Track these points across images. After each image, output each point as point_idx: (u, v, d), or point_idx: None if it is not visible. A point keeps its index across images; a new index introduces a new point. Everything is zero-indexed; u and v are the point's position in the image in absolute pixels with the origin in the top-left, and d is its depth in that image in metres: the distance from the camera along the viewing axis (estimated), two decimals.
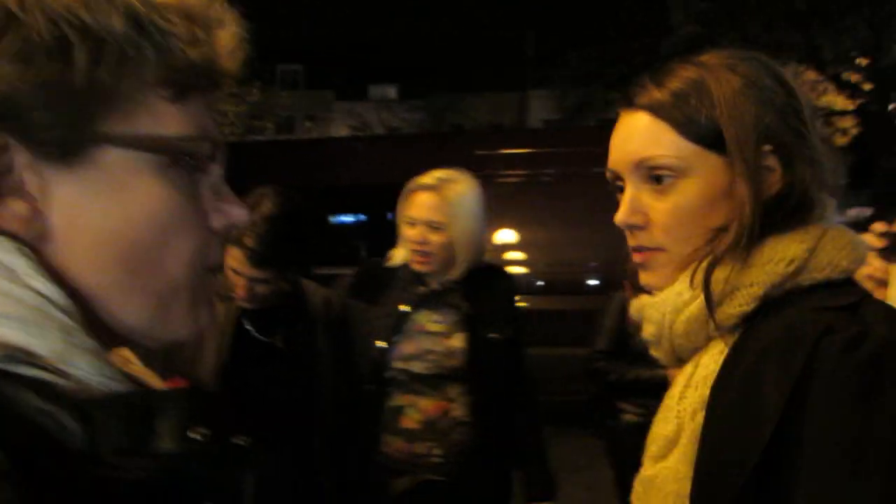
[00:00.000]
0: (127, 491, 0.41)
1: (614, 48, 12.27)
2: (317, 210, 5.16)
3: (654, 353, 0.78)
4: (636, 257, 0.79)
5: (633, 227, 0.77)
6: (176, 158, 0.48)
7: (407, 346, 1.79)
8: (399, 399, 1.78)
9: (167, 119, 0.48)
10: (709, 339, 0.72)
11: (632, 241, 0.78)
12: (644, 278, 0.79)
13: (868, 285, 2.42)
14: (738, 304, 0.69)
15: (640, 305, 0.79)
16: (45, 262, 0.44)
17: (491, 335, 1.80)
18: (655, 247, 0.76)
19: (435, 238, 1.77)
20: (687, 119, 0.73)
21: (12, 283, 0.42)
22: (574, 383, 5.28)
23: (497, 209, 5.37)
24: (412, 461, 1.77)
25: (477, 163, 5.53)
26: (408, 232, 1.80)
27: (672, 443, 0.70)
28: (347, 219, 5.82)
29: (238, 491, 0.48)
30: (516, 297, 1.93)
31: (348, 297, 1.89)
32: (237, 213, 0.53)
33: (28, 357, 0.41)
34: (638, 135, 0.76)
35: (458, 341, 1.79)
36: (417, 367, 1.78)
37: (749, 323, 0.70)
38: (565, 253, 5.21)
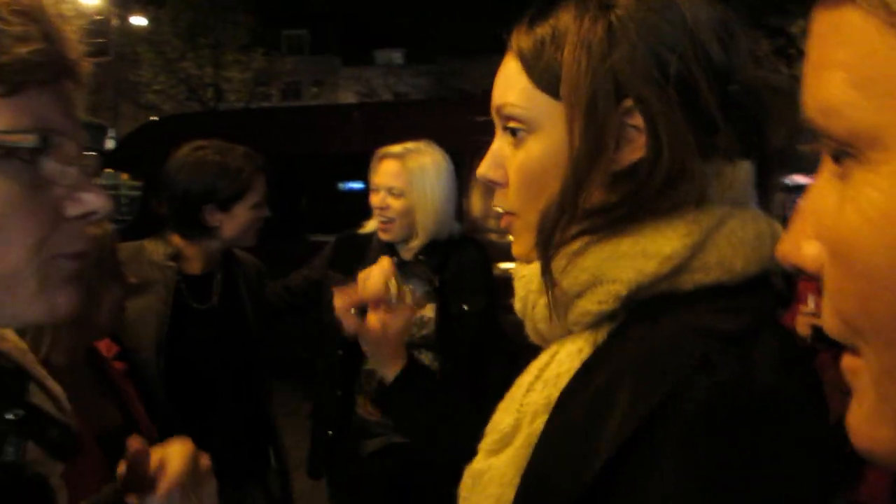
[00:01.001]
0: None
1: None
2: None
3: (526, 329, 0.68)
4: (503, 220, 0.69)
5: (494, 184, 0.68)
6: (8, 151, 0.50)
7: None
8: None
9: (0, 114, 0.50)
10: (568, 332, 0.62)
11: (496, 200, 0.69)
12: (512, 247, 0.69)
13: None
14: (598, 302, 0.58)
15: (512, 274, 0.70)
16: None
17: (463, 307, 1.84)
18: (509, 210, 0.67)
19: (395, 204, 1.82)
20: (539, 65, 0.62)
21: None
22: None
23: None
24: (383, 422, 1.82)
25: (480, 129, 5.54)
26: (372, 198, 1.86)
27: (507, 439, 0.62)
28: (356, 186, 5.84)
29: (17, 465, 0.49)
30: (490, 268, 1.96)
31: (327, 269, 1.94)
32: (93, 200, 0.55)
33: None
34: (501, 80, 0.67)
35: (429, 311, 1.82)
36: None
37: (617, 323, 0.59)
38: None
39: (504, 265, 5.01)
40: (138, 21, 19.76)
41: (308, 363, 2.09)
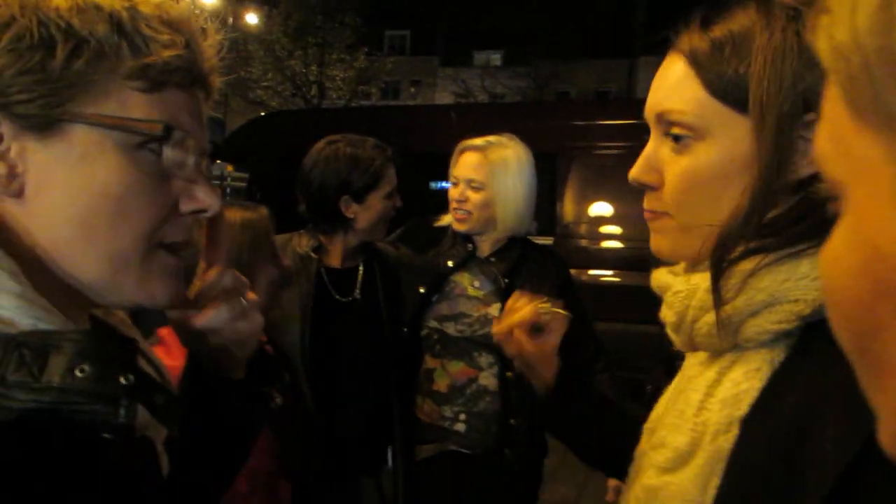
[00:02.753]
0: (19, 417, 0.48)
1: None
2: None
3: (672, 336, 0.68)
4: (647, 217, 0.69)
5: (646, 187, 0.68)
6: (142, 141, 0.57)
7: (443, 307, 1.82)
8: (430, 362, 1.82)
9: (134, 105, 0.56)
10: (735, 347, 0.61)
11: (644, 202, 0.69)
12: (653, 242, 0.69)
13: None
14: (777, 321, 0.57)
15: (661, 284, 0.69)
16: (14, 217, 0.54)
17: None
18: (662, 211, 0.67)
19: (474, 197, 1.79)
20: (717, 72, 0.61)
21: None
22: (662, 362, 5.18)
23: (594, 181, 5.32)
24: (440, 425, 1.80)
25: (575, 133, 5.48)
26: (451, 191, 1.85)
27: (684, 458, 0.61)
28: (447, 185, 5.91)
29: (129, 427, 0.52)
30: (569, 279, 1.91)
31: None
32: (205, 198, 0.61)
33: None
34: (667, 83, 0.66)
35: (494, 311, 1.79)
36: (451, 328, 1.80)
37: (794, 343, 0.58)
38: None
39: (593, 271, 4.95)
40: (251, 19, 20.76)
41: None
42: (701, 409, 0.61)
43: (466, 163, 1.83)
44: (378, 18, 23.54)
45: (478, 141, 1.84)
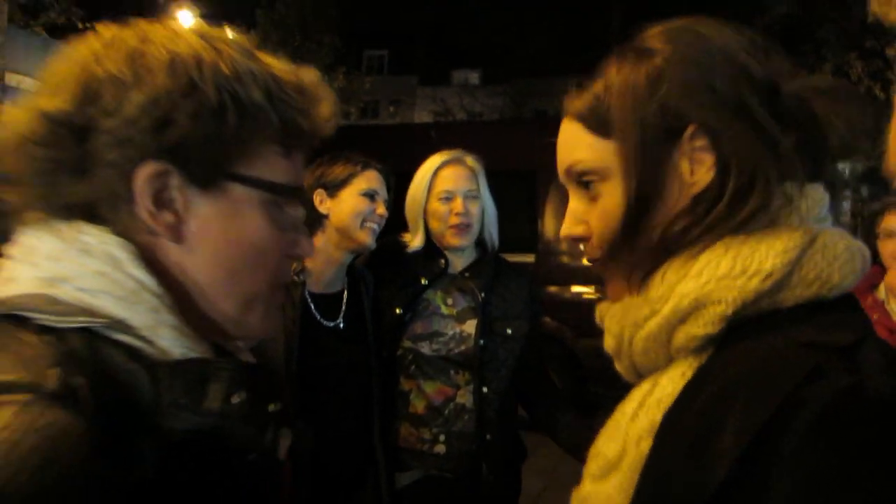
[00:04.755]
0: (181, 438, 0.53)
1: None
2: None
3: (617, 366, 0.69)
4: (596, 267, 0.72)
5: (578, 240, 0.72)
6: (277, 199, 0.63)
7: (417, 326, 1.78)
8: (405, 384, 1.78)
9: (278, 169, 0.63)
10: (670, 360, 0.62)
11: (587, 253, 0.72)
12: (607, 290, 0.72)
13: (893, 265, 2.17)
14: (703, 325, 0.58)
15: (602, 313, 0.71)
16: (172, 259, 0.60)
17: (507, 330, 1.77)
18: (597, 258, 0.70)
19: (473, 207, 1.77)
20: (596, 116, 0.66)
21: (115, 270, 0.56)
22: None
23: None
24: (419, 448, 1.75)
25: (554, 149, 5.49)
26: (440, 207, 1.77)
27: (612, 465, 0.63)
28: None
29: (274, 449, 0.59)
30: (536, 296, 1.90)
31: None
32: (305, 246, 0.68)
33: (124, 327, 0.54)
34: (563, 143, 0.71)
35: (469, 328, 1.76)
36: (426, 348, 1.76)
37: (718, 345, 0.59)
38: None
39: (576, 288, 4.98)
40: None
41: None
42: (633, 419, 0.62)
43: (457, 175, 1.78)
44: (356, 38, 23.65)
45: (450, 154, 1.81)
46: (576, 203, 0.72)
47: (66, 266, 0.55)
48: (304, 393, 1.62)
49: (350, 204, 1.70)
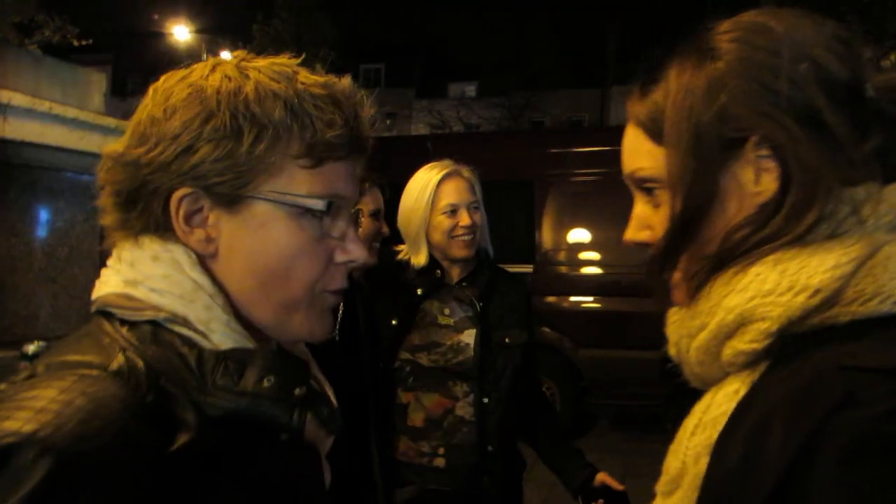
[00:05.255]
0: (222, 415, 0.61)
1: None
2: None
3: (684, 373, 0.69)
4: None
5: (643, 245, 0.70)
6: (309, 210, 0.66)
7: (415, 337, 1.76)
8: (404, 396, 1.76)
9: (300, 182, 0.66)
10: (726, 373, 0.62)
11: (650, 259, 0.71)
12: (674, 297, 0.71)
13: None
14: (749, 341, 0.57)
15: (667, 321, 0.70)
16: (207, 270, 0.66)
17: (505, 339, 1.77)
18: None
19: (477, 218, 1.76)
20: (654, 122, 0.65)
21: (177, 272, 0.64)
22: (644, 388, 5.16)
23: (571, 208, 5.34)
24: (418, 462, 1.73)
25: (550, 161, 5.52)
26: (446, 221, 1.75)
27: (676, 482, 0.63)
28: None
29: (300, 430, 0.66)
30: (531, 304, 1.90)
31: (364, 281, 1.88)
32: (355, 252, 0.70)
33: (183, 321, 0.63)
34: (625, 149, 0.70)
35: (467, 337, 1.74)
36: (424, 359, 1.74)
37: (773, 361, 0.58)
38: (641, 254, 5.10)
39: (574, 298, 4.95)
40: (225, 55, 20.85)
41: None
42: (693, 434, 0.62)
43: (459, 188, 1.77)
44: (353, 52, 23.79)
45: (446, 167, 1.79)
46: (641, 208, 0.70)
47: (141, 270, 0.65)
48: None
49: (360, 228, 1.70)
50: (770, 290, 0.56)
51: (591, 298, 5.17)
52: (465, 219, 1.74)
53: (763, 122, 0.58)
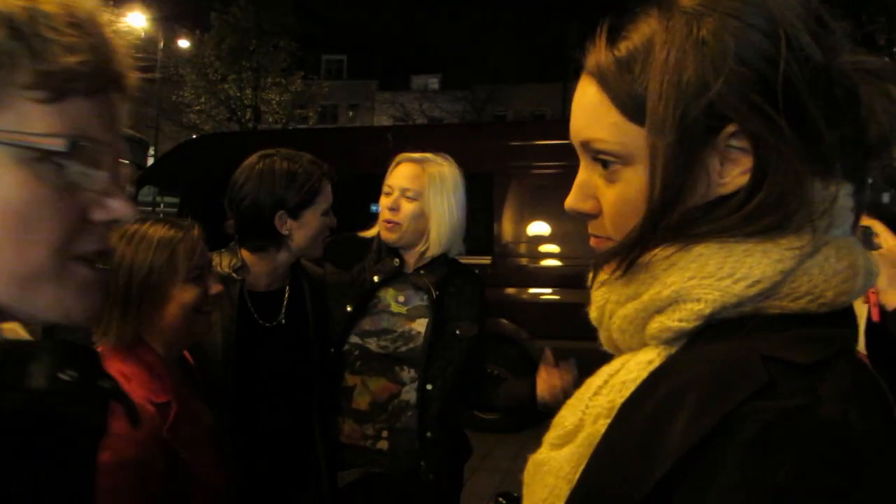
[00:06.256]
0: (6, 418, 0.52)
1: None
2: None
3: (599, 335, 0.69)
4: (593, 242, 0.68)
5: (585, 215, 0.67)
6: (43, 154, 0.53)
7: (366, 322, 1.78)
8: (350, 379, 1.78)
9: (34, 119, 0.53)
10: (643, 344, 0.61)
11: (589, 228, 0.68)
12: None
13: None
14: (678, 319, 0.57)
15: (594, 282, 0.68)
16: None
17: (456, 330, 1.78)
18: (605, 236, 0.66)
19: (407, 206, 1.76)
20: (628, 94, 0.58)
21: None
22: None
23: (532, 200, 5.39)
24: (362, 445, 1.75)
25: (512, 153, 5.56)
26: (382, 200, 1.80)
27: (569, 437, 0.63)
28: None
29: (105, 426, 0.59)
30: (485, 301, 1.92)
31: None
32: (118, 208, 0.58)
33: None
34: (582, 109, 0.63)
35: (419, 326, 1.76)
36: (373, 344, 1.76)
37: (690, 340, 0.58)
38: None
39: (532, 290, 5.01)
40: (183, 44, 20.41)
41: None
42: (596, 394, 0.62)
43: (402, 173, 1.80)
44: (315, 43, 23.51)
45: (415, 154, 1.83)
46: (587, 176, 0.65)
47: None
48: (242, 392, 1.59)
49: (313, 226, 1.69)
50: (711, 273, 0.56)
51: (549, 290, 5.23)
52: (387, 201, 1.77)
53: (750, 114, 0.54)
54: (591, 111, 0.62)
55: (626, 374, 0.60)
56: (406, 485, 1.73)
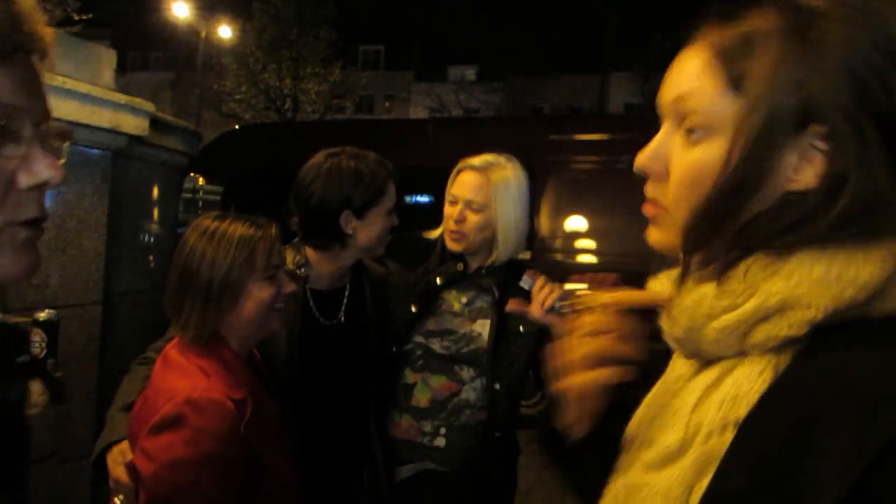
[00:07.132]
0: None
1: None
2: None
3: (672, 345, 0.67)
4: (648, 207, 0.68)
5: (651, 175, 0.66)
6: None
7: (430, 322, 1.80)
8: (411, 376, 1.80)
9: None
10: (741, 353, 0.60)
11: (647, 190, 0.67)
12: (650, 232, 0.68)
13: None
14: (787, 326, 0.56)
15: (669, 305, 0.66)
16: None
17: (520, 327, 1.76)
18: (661, 204, 0.66)
19: (473, 218, 1.75)
20: (742, 69, 0.59)
21: None
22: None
23: (570, 196, 5.36)
24: (418, 441, 1.76)
25: (550, 147, 5.53)
26: (447, 209, 1.80)
27: (672, 457, 0.60)
28: (423, 199, 5.91)
29: (23, 403, 0.55)
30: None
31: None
32: (43, 171, 0.57)
33: None
34: (687, 71, 0.63)
35: (480, 327, 1.77)
36: (436, 345, 1.78)
37: (801, 348, 0.57)
38: (639, 243, 5.13)
39: (570, 286, 4.94)
40: (225, 32, 20.68)
41: None
42: (696, 409, 0.60)
43: (466, 182, 1.78)
44: (353, 33, 23.61)
45: (477, 161, 1.80)
46: (666, 138, 0.65)
47: None
48: (302, 388, 1.62)
49: (377, 226, 1.68)
50: (819, 278, 0.55)
51: (586, 286, 5.20)
52: (453, 211, 1.77)
53: (839, 118, 0.55)
54: (695, 75, 0.62)
55: (734, 388, 0.58)
56: (463, 482, 1.75)
